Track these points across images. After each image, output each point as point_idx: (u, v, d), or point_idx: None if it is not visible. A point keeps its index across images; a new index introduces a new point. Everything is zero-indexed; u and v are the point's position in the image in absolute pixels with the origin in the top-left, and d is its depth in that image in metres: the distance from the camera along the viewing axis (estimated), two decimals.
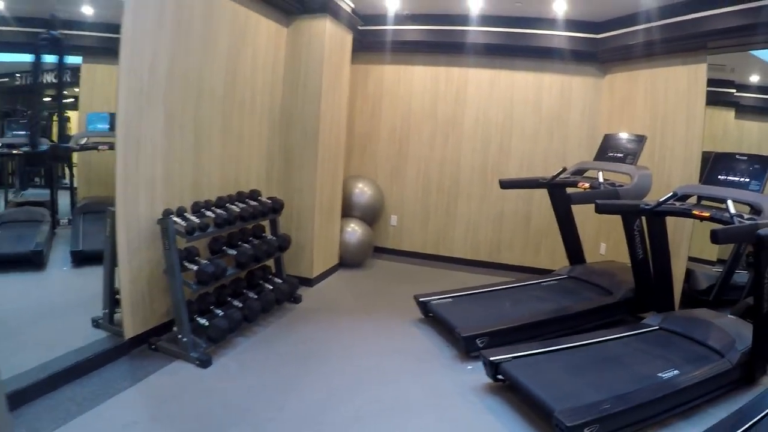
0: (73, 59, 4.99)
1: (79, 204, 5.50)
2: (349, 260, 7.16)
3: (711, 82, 6.06)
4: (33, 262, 5.00)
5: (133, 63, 3.88)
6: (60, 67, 4.90)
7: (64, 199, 5.66)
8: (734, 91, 7.35)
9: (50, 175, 5.68)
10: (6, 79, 5.28)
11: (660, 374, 3.78)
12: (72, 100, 5.38)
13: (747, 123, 7.55)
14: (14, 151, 5.28)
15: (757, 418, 3.14)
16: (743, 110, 7.47)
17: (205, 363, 4.01)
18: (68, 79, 5.11)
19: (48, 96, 5.38)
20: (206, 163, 4.84)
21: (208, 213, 4.51)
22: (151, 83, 4.04)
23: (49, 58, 4.74)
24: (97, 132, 5.11)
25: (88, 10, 4.98)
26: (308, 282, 6.12)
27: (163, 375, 3.84)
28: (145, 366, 3.94)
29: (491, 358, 3.86)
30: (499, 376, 3.91)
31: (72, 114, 5.48)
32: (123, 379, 3.68)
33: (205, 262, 4.24)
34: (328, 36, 6.01)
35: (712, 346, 4.16)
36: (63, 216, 5.70)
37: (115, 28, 3.79)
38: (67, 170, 5.69)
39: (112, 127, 5.47)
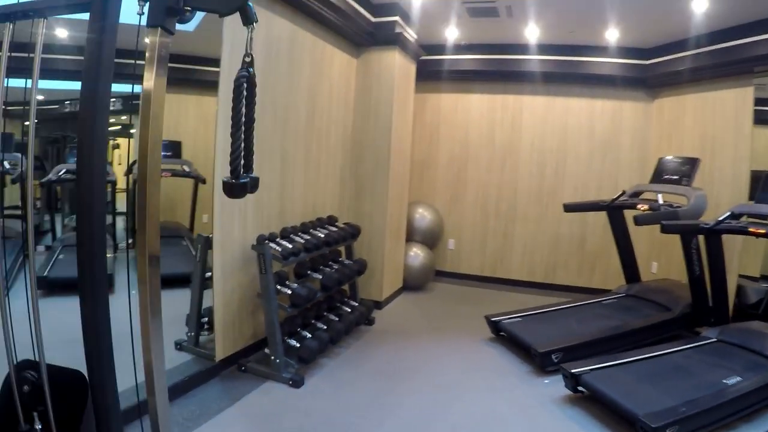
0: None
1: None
2: (412, 283, 7.47)
3: (755, 101, 6.31)
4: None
5: (229, 95, 4.19)
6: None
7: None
8: None
9: (112, 201, 5.77)
10: (56, 106, 5.39)
11: (724, 381, 4.03)
12: (119, 127, 5.67)
13: None
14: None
15: None
16: None
17: (297, 383, 4.29)
18: (120, 107, 5.21)
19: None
20: (290, 190, 5.18)
21: (296, 238, 4.84)
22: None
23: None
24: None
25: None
26: (378, 305, 6.42)
27: (258, 395, 4.09)
28: (237, 387, 4.18)
29: (572, 371, 4.16)
30: (579, 388, 4.19)
31: (122, 141, 5.76)
32: (220, 399, 3.91)
33: (296, 285, 4.54)
34: (398, 67, 6.36)
35: None
36: (119, 240, 5.92)
37: (179, 58, 4.03)
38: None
39: (175, 155, 5.83)
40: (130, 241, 5.80)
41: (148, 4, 1.75)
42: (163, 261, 5.64)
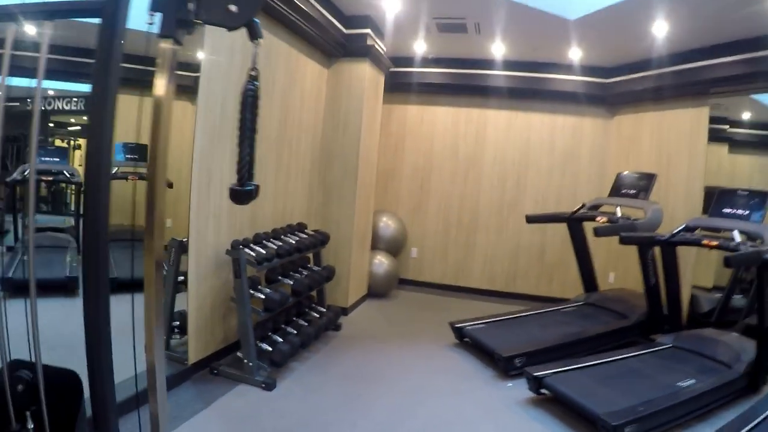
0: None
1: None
2: (376, 290, 7.62)
3: (710, 120, 6.65)
4: (67, 288, 4.95)
5: (208, 101, 4.30)
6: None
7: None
8: (727, 127, 7.86)
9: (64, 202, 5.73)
10: (17, 104, 5.46)
11: (679, 383, 4.29)
12: (78, 128, 5.53)
13: (739, 157, 8.04)
14: (47, 178, 5.34)
15: (761, 419, 3.63)
16: (736, 145, 7.94)
17: (270, 386, 4.38)
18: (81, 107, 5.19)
19: (57, 123, 5.49)
20: (262, 196, 5.27)
21: (269, 244, 4.94)
22: (221, 120, 4.43)
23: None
24: (120, 162, 5.29)
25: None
26: (344, 311, 6.52)
27: (231, 397, 4.17)
28: (210, 390, 4.25)
29: (535, 374, 4.36)
30: (542, 390, 4.38)
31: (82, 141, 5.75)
32: (194, 402, 3.98)
33: (269, 290, 4.65)
34: (368, 78, 6.52)
35: (721, 360, 4.71)
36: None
37: (136, 59, 4.08)
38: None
39: (140, 158, 5.79)
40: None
41: (159, 15, 1.86)
42: (127, 265, 5.61)
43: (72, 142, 5.55)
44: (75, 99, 5.11)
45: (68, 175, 5.43)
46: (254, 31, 1.92)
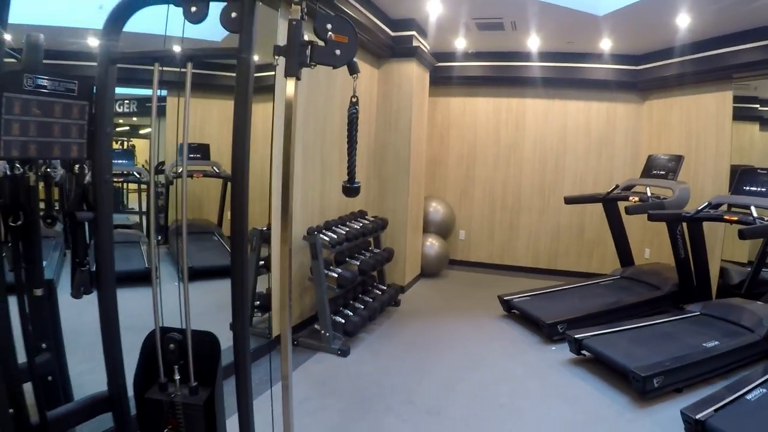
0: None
1: (171, 227, 5.99)
2: (428, 270, 8.28)
3: (737, 99, 7.15)
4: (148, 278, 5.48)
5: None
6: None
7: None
8: (758, 106, 8.30)
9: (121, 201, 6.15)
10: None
11: (704, 344, 4.84)
12: (127, 128, 6.02)
13: None
14: (119, 180, 5.72)
15: None
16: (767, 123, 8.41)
17: (345, 353, 5.08)
18: (135, 110, 5.65)
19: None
20: (328, 189, 5.93)
21: (337, 229, 5.61)
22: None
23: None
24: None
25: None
26: (402, 289, 7.18)
27: (312, 363, 4.85)
28: (293, 357, 4.84)
29: (576, 336, 4.99)
30: (582, 352, 5.01)
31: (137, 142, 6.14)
32: (281, 368, 4.63)
33: (341, 270, 5.33)
34: (415, 76, 7.12)
35: (744, 325, 5.23)
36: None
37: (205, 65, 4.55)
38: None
39: (204, 156, 6.33)
40: (159, 237, 5.98)
41: (284, 59, 2.53)
42: (200, 255, 6.19)
43: (125, 144, 6.12)
44: (126, 101, 5.59)
45: (137, 175, 6.06)
46: (353, 68, 2.58)
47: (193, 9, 2.53)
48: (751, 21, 6.12)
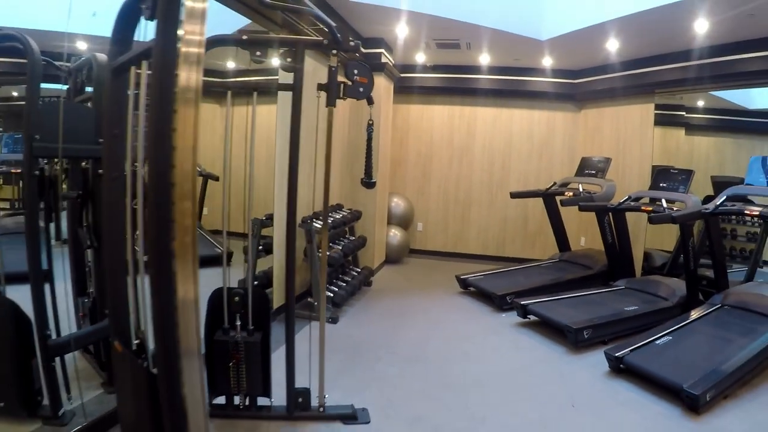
0: None
1: None
2: (392, 258, 9.40)
3: (665, 107, 8.48)
4: (218, 261, 6.57)
5: (283, 114, 5.68)
6: None
7: None
8: (684, 113, 9.61)
9: None
10: None
11: (626, 308, 6.03)
12: None
13: (696, 138, 9.77)
14: None
15: (677, 326, 5.42)
16: (692, 128, 9.66)
17: (335, 320, 6.10)
18: None
19: None
20: (312, 184, 6.93)
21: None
22: (288, 128, 5.88)
23: None
24: None
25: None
26: (371, 272, 8.21)
27: (308, 330, 5.42)
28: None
29: (522, 302, 6.18)
30: (528, 316, 6.19)
31: None
32: (282, 334, 4.65)
33: (329, 252, 6.38)
34: (383, 88, 8.16)
35: (660, 295, 6.45)
36: None
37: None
38: None
39: None
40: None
41: (325, 94, 3.60)
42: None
43: None
44: None
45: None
46: (370, 100, 3.70)
47: (258, 53, 3.58)
48: (671, 46, 7.29)
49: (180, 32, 1.98)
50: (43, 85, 3.67)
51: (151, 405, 2.34)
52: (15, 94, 3.98)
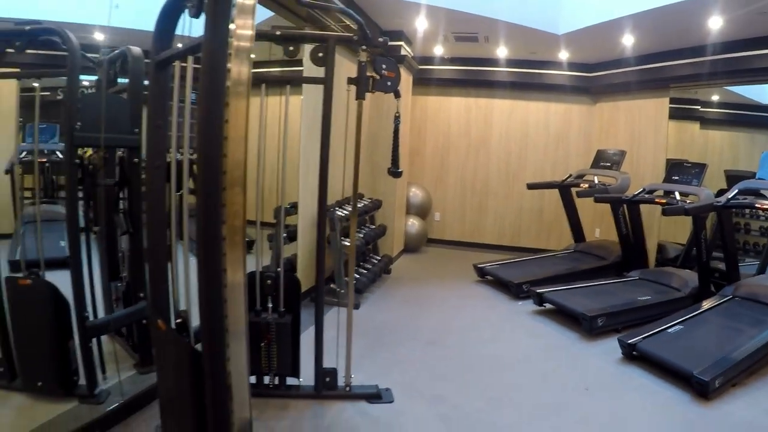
0: None
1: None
2: (410, 247, 9.61)
3: (680, 101, 8.58)
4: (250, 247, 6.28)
5: (307, 106, 5.99)
6: None
7: None
8: (699, 107, 9.70)
9: None
10: None
11: (639, 298, 6.20)
12: None
13: (710, 132, 9.84)
14: None
15: (688, 316, 5.58)
16: (706, 123, 9.73)
17: (357, 306, 6.27)
18: None
19: None
20: (335, 174, 7.08)
21: (347, 207, 6.83)
22: (313, 120, 5.84)
23: None
24: None
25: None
26: (390, 260, 8.41)
27: (331, 315, 5.80)
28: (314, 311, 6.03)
29: (538, 290, 6.37)
30: (544, 304, 6.38)
31: None
32: (307, 318, 4.51)
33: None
34: (402, 80, 8.25)
35: (673, 286, 6.59)
36: None
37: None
38: None
39: None
40: None
41: (355, 87, 3.78)
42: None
43: None
44: None
45: None
46: (397, 93, 3.87)
47: (291, 48, 3.77)
48: (685, 41, 7.42)
49: (231, 26, 2.16)
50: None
51: (193, 381, 2.54)
52: (36, 84, 4.07)
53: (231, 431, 2.39)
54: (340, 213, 6.48)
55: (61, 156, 4.48)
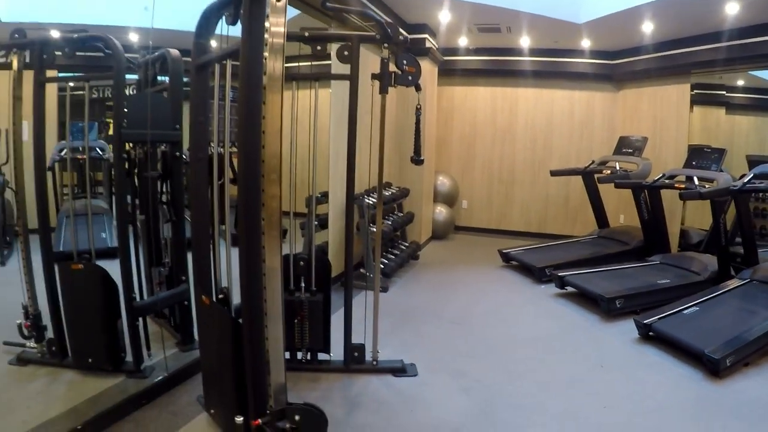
0: None
1: None
2: (438, 234, 9.88)
3: (704, 86, 8.82)
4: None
5: (336, 99, 6.20)
6: None
7: None
8: (725, 92, 9.83)
9: None
10: None
11: (658, 281, 6.38)
12: None
13: (737, 117, 9.98)
14: None
15: (704, 298, 5.76)
16: (732, 108, 9.89)
17: (385, 290, 6.55)
18: None
19: None
20: (363, 164, 7.35)
21: (374, 196, 7.09)
22: (341, 113, 5.87)
23: None
24: None
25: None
26: (418, 247, 8.67)
27: (360, 298, 5.70)
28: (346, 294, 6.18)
29: (560, 274, 6.60)
30: (565, 287, 6.62)
31: None
32: (337, 300, 4.72)
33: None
34: (427, 71, 8.50)
35: (693, 270, 6.74)
36: None
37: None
38: None
39: None
40: None
41: (378, 82, 4.05)
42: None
43: None
44: None
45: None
46: (418, 87, 4.14)
47: (318, 48, 4.04)
48: (706, 26, 7.55)
49: (266, 24, 2.44)
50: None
51: (234, 348, 2.86)
52: (72, 84, 4.37)
53: (268, 392, 2.69)
54: (368, 201, 6.74)
55: (100, 153, 4.91)
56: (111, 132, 4.90)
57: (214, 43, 3.30)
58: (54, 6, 4.42)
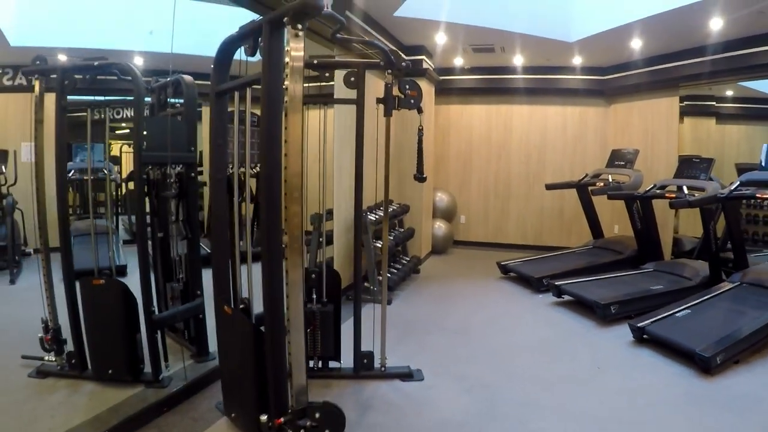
0: None
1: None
2: (437, 248, 10.12)
3: (694, 97, 9.10)
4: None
5: (338, 120, 6.37)
6: None
7: None
8: (714, 103, 10.11)
9: None
10: None
11: (651, 287, 6.62)
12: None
13: (727, 127, 10.28)
14: None
15: (696, 302, 5.99)
16: (722, 118, 10.18)
17: (389, 302, 6.63)
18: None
19: None
20: (366, 182, 7.54)
21: (377, 212, 7.33)
22: (344, 133, 6.49)
23: None
24: None
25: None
26: (419, 261, 8.92)
27: (366, 310, 5.74)
28: (351, 308, 5.62)
29: (557, 283, 6.84)
30: (562, 295, 6.85)
31: None
32: (346, 313, 4.94)
33: (380, 243, 7.08)
34: (424, 92, 8.62)
35: (685, 276, 6.97)
36: None
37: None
38: None
39: None
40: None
41: (383, 106, 4.32)
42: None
43: None
44: None
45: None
46: (420, 110, 4.41)
47: (327, 74, 4.31)
48: (693, 41, 7.79)
49: (287, 48, 2.68)
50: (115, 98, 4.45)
51: (255, 354, 3.10)
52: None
53: (290, 393, 2.93)
54: (371, 217, 6.98)
55: (106, 173, 5.06)
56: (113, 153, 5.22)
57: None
58: (61, 31, 4.62)
